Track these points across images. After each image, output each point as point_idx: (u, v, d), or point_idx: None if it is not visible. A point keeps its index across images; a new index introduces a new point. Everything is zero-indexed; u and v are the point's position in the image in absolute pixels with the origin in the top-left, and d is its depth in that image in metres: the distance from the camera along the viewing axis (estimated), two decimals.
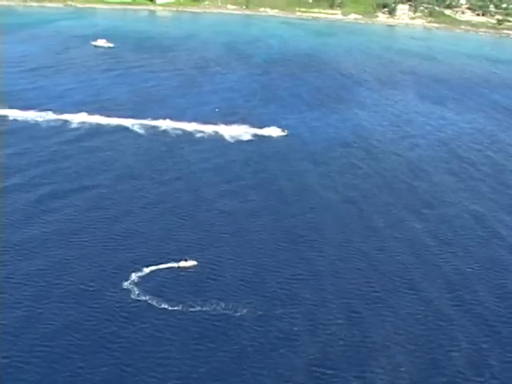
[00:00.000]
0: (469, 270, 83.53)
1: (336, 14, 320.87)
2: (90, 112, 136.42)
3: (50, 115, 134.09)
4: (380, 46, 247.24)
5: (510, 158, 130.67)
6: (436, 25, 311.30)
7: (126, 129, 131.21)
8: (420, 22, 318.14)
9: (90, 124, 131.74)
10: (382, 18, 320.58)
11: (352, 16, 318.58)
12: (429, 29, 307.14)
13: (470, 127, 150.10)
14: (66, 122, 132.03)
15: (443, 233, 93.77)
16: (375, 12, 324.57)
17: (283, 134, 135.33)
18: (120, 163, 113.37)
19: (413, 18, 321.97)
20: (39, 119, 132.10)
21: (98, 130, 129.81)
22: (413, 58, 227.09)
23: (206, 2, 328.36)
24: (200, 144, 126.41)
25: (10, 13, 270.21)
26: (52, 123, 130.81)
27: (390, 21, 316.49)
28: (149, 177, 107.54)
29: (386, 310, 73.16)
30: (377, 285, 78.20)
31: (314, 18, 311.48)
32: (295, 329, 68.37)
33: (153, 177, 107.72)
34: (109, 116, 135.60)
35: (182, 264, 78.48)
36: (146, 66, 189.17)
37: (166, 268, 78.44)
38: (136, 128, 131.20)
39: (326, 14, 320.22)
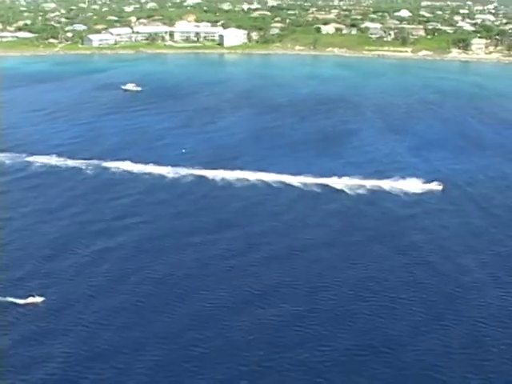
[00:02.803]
0: None
1: (405, 52, 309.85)
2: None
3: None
4: (423, 84, 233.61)
5: None
6: None
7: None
8: (495, 56, 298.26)
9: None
10: (455, 53, 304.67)
11: (422, 53, 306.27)
12: (504, 63, 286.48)
13: None
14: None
15: None
16: (449, 48, 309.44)
17: (438, 187, 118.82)
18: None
19: (489, 53, 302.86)
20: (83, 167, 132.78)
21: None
22: (450, 97, 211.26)
23: (277, 44, 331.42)
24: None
25: (79, 61, 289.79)
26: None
27: (462, 56, 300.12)
28: None
29: None
30: None
31: (379, 57, 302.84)
32: None
33: None
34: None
35: None
36: (155, 109, 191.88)
37: None
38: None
39: (395, 51, 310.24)
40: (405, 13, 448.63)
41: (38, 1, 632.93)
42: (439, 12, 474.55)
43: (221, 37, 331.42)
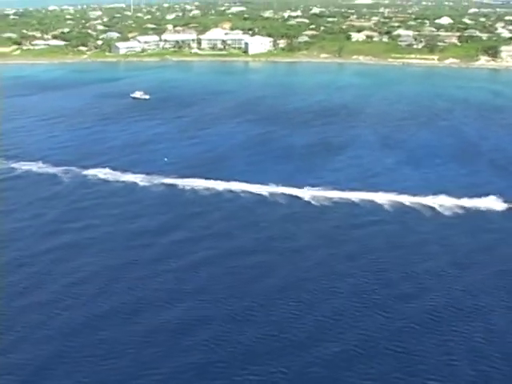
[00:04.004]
0: None
1: (432, 60, 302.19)
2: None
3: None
4: (436, 93, 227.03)
5: None
6: None
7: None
8: None
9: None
10: (483, 61, 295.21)
11: (449, 61, 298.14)
12: None
13: None
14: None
15: None
16: (477, 55, 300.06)
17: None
18: None
19: None
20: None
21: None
22: (459, 106, 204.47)
23: (303, 52, 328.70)
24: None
25: (101, 69, 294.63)
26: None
27: (490, 64, 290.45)
28: None
29: None
30: None
31: (404, 64, 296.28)
32: None
33: None
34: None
35: None
36: (154, 117, 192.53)
37: None
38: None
39: (421, 59, 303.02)
40: (445, 20, 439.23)
41: (86, 9, 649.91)
42: (482, 19, 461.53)
43: (246, 44, 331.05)
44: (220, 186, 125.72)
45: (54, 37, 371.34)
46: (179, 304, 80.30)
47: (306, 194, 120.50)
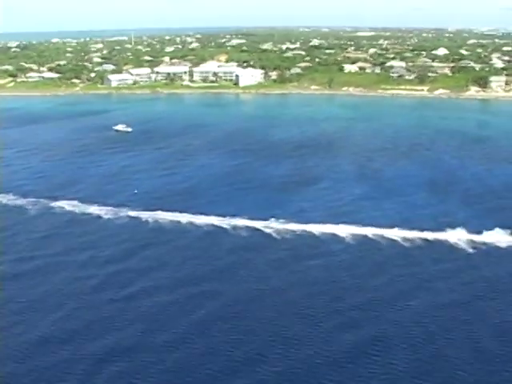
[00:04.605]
0: None
1: (421, 91, 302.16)
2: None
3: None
4: (419, 124, 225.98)
5: None
6: None
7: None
8: None
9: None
10: (473, 91, 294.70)
11: (438, 91, 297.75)
12: None
13: None
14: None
15: None
16: (467, 86, 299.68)
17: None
18: None
19: (509, 91, 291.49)
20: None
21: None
22: (441, 137, 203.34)
23: (294, 84, 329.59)
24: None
25: (90, 101, 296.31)
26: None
27: (480, 94, 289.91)
28: None
29: None
30: None
31: (393, 96, 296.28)
32: None
33: None
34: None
35: None
36: (133, 149, 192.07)
37: None
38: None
39: (411, 90, 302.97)
40: (442, 51, 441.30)
41: (88, 42, 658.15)
42: (480, 50, 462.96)
43: (237, 77, 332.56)
44: (184, 218, 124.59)
45: (50, 69, 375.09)
46: (107, 335, 79.74)
47: (269, 226, 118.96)
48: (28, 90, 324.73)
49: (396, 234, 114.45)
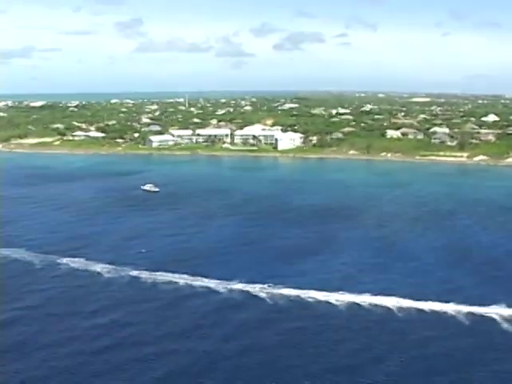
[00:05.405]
0: None
1: (461, 157, 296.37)
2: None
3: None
4: (448, 192, 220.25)
5: None
6: None
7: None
8: None
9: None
10: None
11: (478, 158, 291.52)
12: None
13: None
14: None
15: None
16: (508, 153, 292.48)
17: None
18: None
19: None
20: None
21: None
22: (466, 208, 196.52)
23: (333, 148, 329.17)
24: None
25: (128, 161, 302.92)
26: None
27: None
28: None
29: None
30: None
31: (431, 162, 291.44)
32: None
33: None
34: None
35: None
36: (155, 209, 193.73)
37: None
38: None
39: (450, 156, 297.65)
40: (492, 117, 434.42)
41: (145, 102, 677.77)
42: None
43: (276, 140, 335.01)
44: (182, 280, 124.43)
45: (98, 129, 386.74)
46: None
47: (265, 292, 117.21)
48: (72, 149, 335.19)
49: (394, 303, 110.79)
